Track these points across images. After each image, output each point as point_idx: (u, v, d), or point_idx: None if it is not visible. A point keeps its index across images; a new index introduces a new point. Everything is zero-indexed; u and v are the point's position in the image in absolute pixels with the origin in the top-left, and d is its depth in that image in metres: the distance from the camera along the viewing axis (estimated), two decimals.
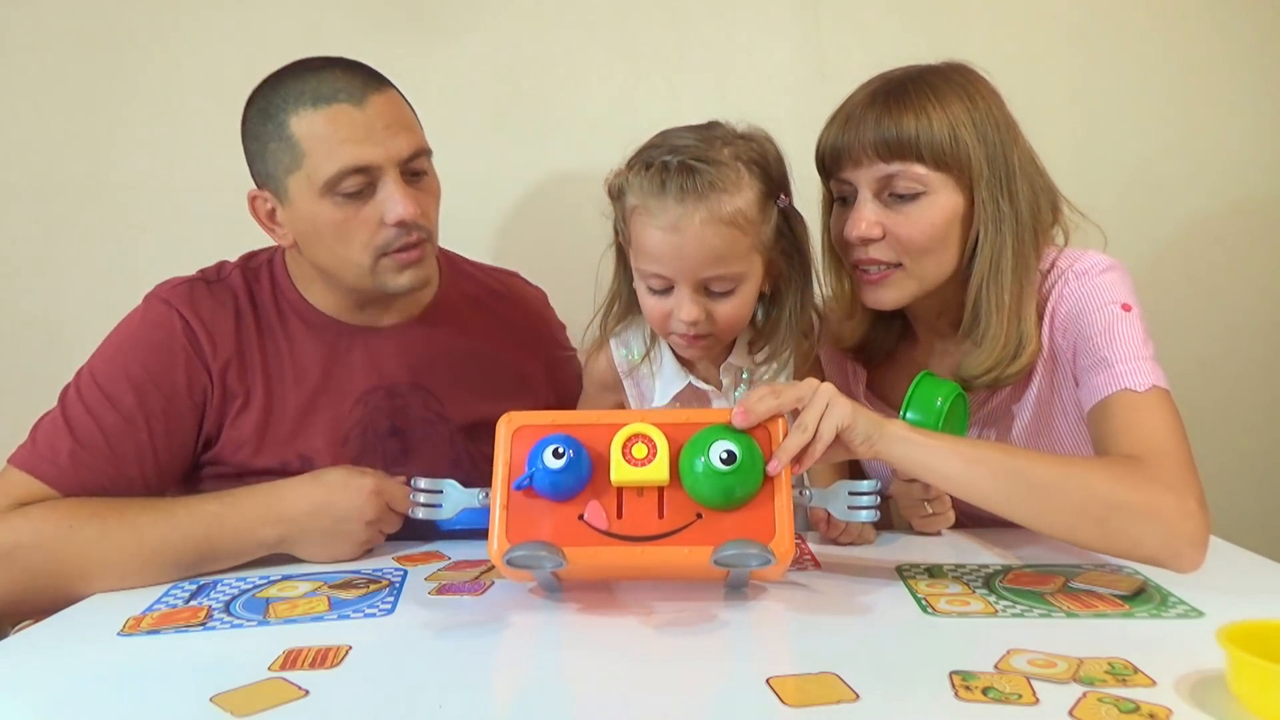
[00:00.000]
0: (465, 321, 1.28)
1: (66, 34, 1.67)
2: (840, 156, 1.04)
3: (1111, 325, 1.00)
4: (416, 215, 1.09)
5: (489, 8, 1.69)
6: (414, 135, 1.13)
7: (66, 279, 1.67)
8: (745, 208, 0.96)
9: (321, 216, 1.09)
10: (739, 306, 1.01)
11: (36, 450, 1.07)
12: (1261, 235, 1.72)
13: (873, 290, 1.06)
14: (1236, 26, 1.69)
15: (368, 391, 1.19)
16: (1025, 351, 1.03)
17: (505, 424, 0.89)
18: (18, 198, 1.68)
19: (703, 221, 0.94)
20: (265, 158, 1.11)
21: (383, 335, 1.22)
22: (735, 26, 1.69)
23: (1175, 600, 0.86)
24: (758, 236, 0.99)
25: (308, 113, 1.07)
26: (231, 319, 1.16)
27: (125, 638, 0.86)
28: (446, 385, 1.23)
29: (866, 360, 1.20)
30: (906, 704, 0.69)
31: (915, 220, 1.01)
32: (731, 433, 0.85)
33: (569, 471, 0.84)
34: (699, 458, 0.84)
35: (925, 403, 0.99)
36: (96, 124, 1.68)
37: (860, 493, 0.88)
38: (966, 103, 1.01)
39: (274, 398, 1.16)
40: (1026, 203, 1.03)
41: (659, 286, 1.00)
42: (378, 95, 1.10)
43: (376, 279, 1.12)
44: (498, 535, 0.85)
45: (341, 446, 1.16)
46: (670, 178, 0.95)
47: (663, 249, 0.96)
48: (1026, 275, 1.03)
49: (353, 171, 1.06)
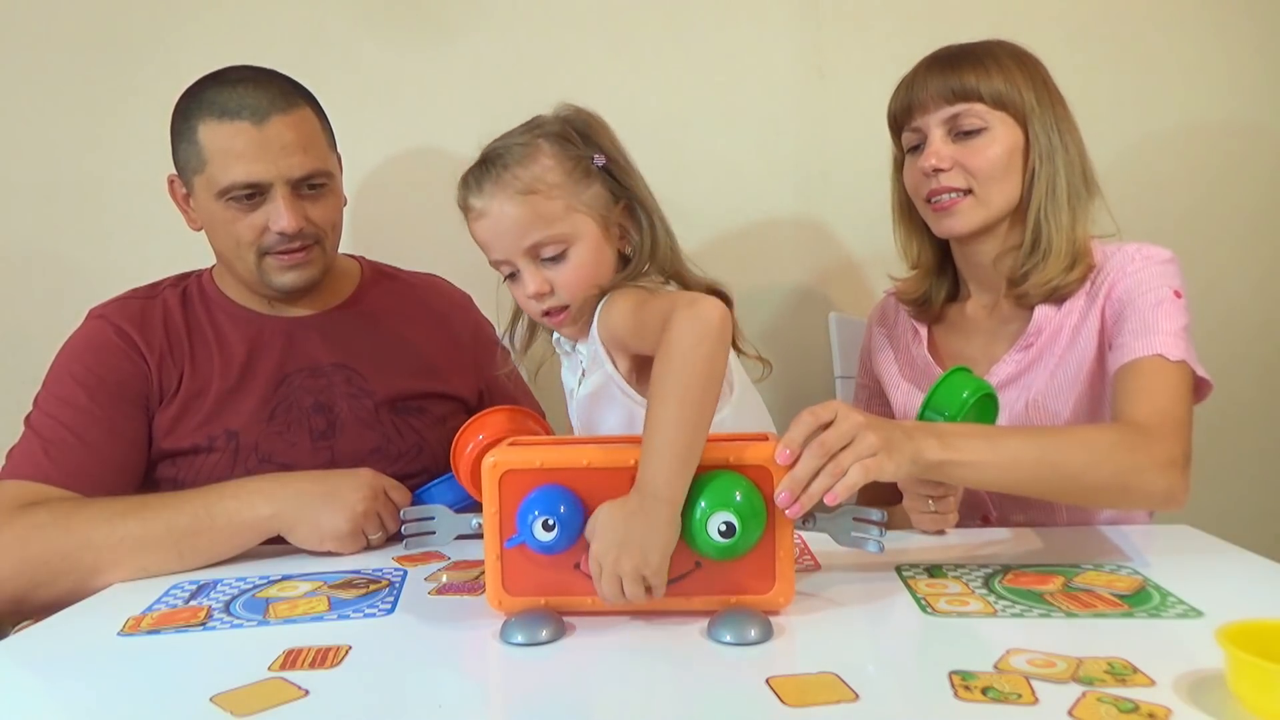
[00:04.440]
0: (387, 309, 1.36)
1: (66, 34, 1.67)
2: (910, 107, 1.19)
3: (1161, 302, 1.10)
4: (299, 227, 1.19)
5: (489, 8, 1.69)
6: (310, 157, 1.20)
7: (66, 279, 1.67)
8: (543, 174, 1.01)
9: (216, 215, 1.20)
10: (577, 268, 1.02)
11: (13, 464, 1.15)
12: (1261, 235, 1.73)
13: (945, 218, 1.18)
14: (1236, 26, 1.69)
15: (291, 372, 1.27)
16: (1080, 264, 1.16)
17: (490, 470, 0.84)
18: (18, 198, 1.69)
19: (503, 199, 1.01)
20: (179, 152, 1.22)
21: (304, 323, 1.30)
22: (735, 26, 1.69)
23: (1175, 600, 0.86)
24: (573, 198, 1.02)
25: (213, 124, 1.17)
26: (160, 323, 1.25)
27: (125, 638, 0.86)
28: (369, 364, 1.30)
29: (924, 318, 1.31)
30: (906, 704, 0.69)
31: (980, 150, 1.15)
32: (729, 487, 0.81)
33: (560, 535, 0.82)
34: (699, 532, 0.81)
35: (951, 393, 1.02)
36: (96, 124, 1.68)
37: (866, 520, 0.87)
38: (1017, 60, 1.17)
39: (199, 381, 1.23)
40: (1075, 145, 1.18)
41: (506, 272, 1.06)
42: (282, 116, 1.18)
43: (264, 275, 1.23)
44: (495, 588, 0.86)
45: (267, 422, 1.23)
46: (473, 175, 1.04)
47: (485, 235, 1.03)
48: (1079, 203, 1.17)
49: (242, 186, 1.17)
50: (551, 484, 0.83)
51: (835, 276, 1.75)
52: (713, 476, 0.82)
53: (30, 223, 1.69)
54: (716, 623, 0.81)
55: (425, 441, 1.30)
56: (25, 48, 1.67)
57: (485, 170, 1.02)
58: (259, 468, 1.20)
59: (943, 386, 1.03)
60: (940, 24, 1.66)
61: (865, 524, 0.87)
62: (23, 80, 1.67)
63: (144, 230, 1.65)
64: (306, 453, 1.23)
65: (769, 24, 1.69)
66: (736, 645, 0.79)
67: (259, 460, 1.21)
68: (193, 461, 1.21)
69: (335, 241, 1.29)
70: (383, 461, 1.23)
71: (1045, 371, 1.18)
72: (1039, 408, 1.18)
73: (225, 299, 1.30)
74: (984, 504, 1.24)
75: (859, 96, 1.68)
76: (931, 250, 1.28)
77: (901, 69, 1.21)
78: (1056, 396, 1.17)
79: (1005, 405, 1.17)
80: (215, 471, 1.19)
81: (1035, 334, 1.18)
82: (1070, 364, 1.17)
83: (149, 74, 1.66)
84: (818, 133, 1.71)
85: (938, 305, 1.29)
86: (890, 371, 1.33)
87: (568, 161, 1.03)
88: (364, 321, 1.33)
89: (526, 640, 0.80)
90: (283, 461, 1.21)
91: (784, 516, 0.82)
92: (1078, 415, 1.17)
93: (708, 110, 1.70)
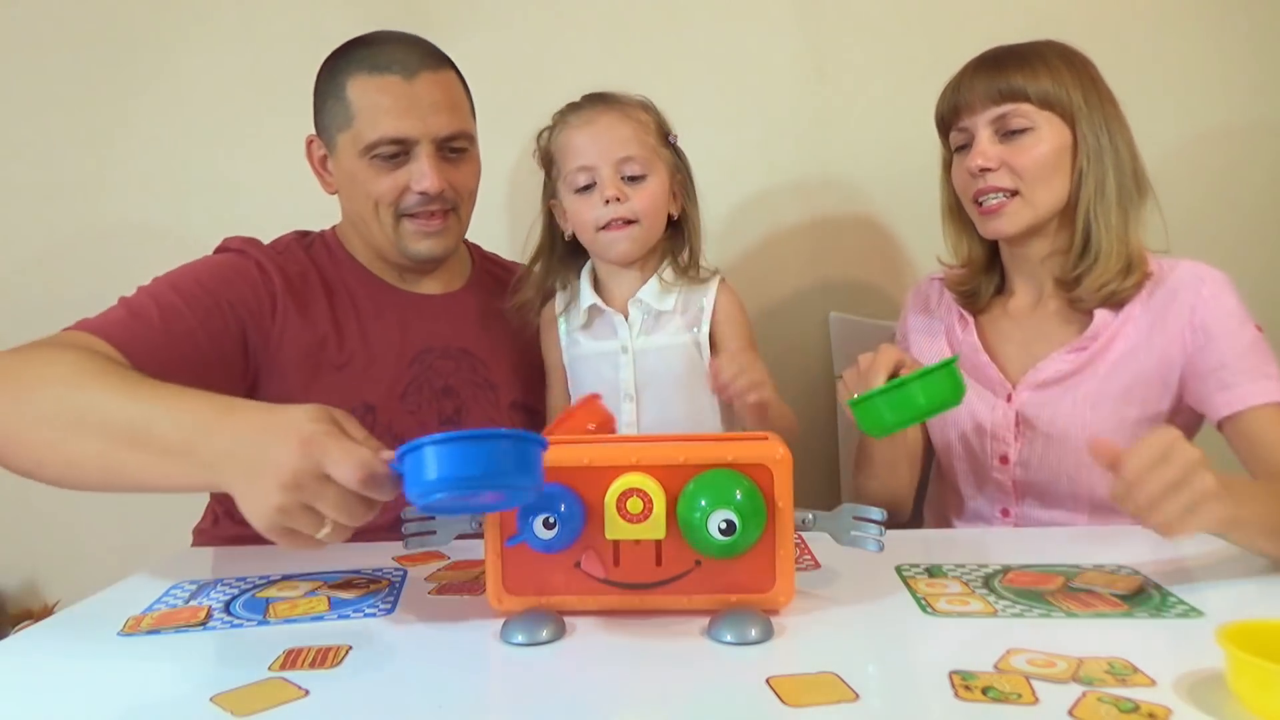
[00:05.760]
0: (498, 299, 1.33)
1: (66, 34, 1.67)
2: (958, 108, 1.20)
3: (1258, 341, 1.14)
4: (441, 189, 1.19)
5: (489, 8, 1.69)
6: (455, 117, 1.21)
7: (67, 279, 1.67)
8: (645, 120, 1.21)
9: (359, 173, 1.20)
10: (651, 195, 1.19)
11: (90, 321, 1.08)
12: (1261, 235, 1.73)
13: (992, 220, 1.19)
14: (1236, 26, 1.69)
15: (423, 351, 1.25)
16: (1136, 270, 1.16)
17: None
18: (18, 198, 1.69)
19: (614, 116, 1.18)
20: (324, 111, 1.22)
21: (433, 302, 1.30)
22: (735, 26, 1.69)
23: (1175, 600, 0.86)
24: (659, 146, 1.21)
25: (363, 78, 1.18)
26: (298, 272, 1.23)
27: (125, 638, 0.86)
28: (489, 354, 1.30)
29: (972, 309, 1.31)
30: (906, 704, 0.69)
31: (1027, 150, 1.15)
32: (730, 485, 0.81)
33: (561, 533, 0.82)
34: (698, 529, 0.80)
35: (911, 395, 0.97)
36: (96, 124, 1.68)
37: (866, 519, 0.87)
38: (1065, 60, 1.18)
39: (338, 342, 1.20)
40: (1126, 146, 1.18)
41: (584, 181, 1.18)
42: (430, 74, 1.19)
43: (400, 241, 1.22)
44: (495, 587, 0.85)
45: (400, 400, 1.22)
46: (583, 99, 1.22)
47: (583, 140, 1.18)
48: (1131, 204, 1.17)
49: (390, 141, 1.17)
50: (552, 483, 0.83)
51: (835, 276, 1.75)
52: (713, 475, 0.82)
53: (30, 223, 1.69)
54: (716, 622, 0.81)
55: None
56: (25, 48, 1.67)
57: (599, 97, 1.21)
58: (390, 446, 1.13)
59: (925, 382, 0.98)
60: (940, 24, 1.66)
61: (865, 523, 0.87)
62: (23, 80, 1.67)
63: (144, 230, 1.65)
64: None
65: (769, 24, 1.69)
66: (736, 645, 0.79)
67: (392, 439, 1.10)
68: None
69: (469, 211, 1.28)
70: None
71: (1097, 375, 1.18)
72: (1086, 408, 1.18)
73: (356, 264, 1.28)
74: (1005, 496, 1.24)
75: (859, 96, 1.69)
76: (981, 248, 1.29)
77: (902, 69, 1.22)
78: (1105, 401, 1.17)
79: (1046, 402, 1.20)
80: None
81: (1092, 338, 1.18)
82: (1125, 372, 1.17)
83: (149, 74, 1.66)
84: (818, 133, 1.71)
85: (985, 299, 1.30)
86: (933, 349, 1.32)
87: (656, 125, 1.22)
88: (481, 310, 1.32)
89: (526, 640, 0.80)
90: None
91: (784, 516, 0.82)
92: (1122, 421, 1.17)
93: (708, 110, 1.70)
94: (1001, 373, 1.24)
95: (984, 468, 1.25)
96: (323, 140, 1.24)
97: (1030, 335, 1.24)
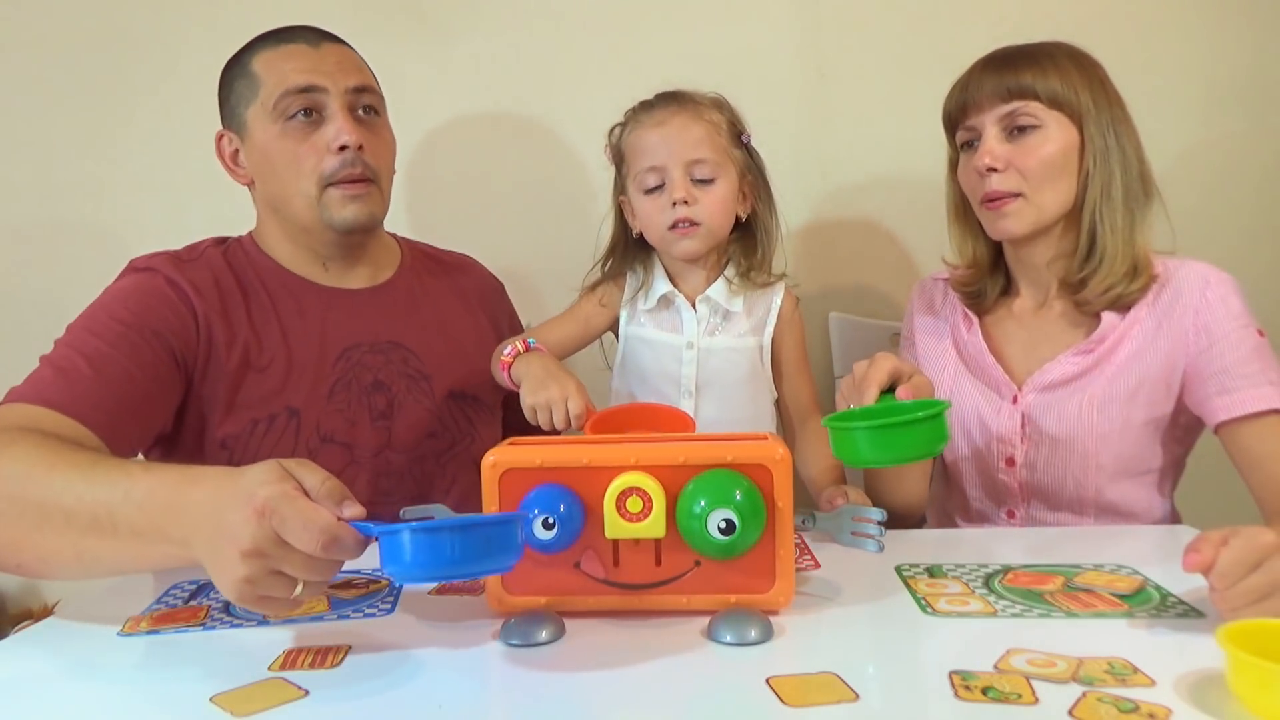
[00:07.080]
0: (429, 290, 1.34)
1: (66, 34, 1.67)
2: (965, 106, 1.19)
3: (1261, 347, 1.13)
4: (359, 142, 1.17)
5: (489, 8, 1.69)
6: (363, 75, 1.22)
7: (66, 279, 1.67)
8: (717, 121, 1.21)
9: (273, 145, 1.18)
10: (719, 199, 1.20)
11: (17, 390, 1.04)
12: (1260, 237, 1.72)
13: (998, 219, 1.18)
14: (1236, 27, 1.69)
15: (350, 347, 1.23)
16: (1142, 273, 1.16)
17: (490, 468, 0.84)
18: (18, 198, 1.69)
19: (688, 117, 1.19)
20: (231, 95, 1.21)
21: (358, 296, 1.27)
22: (735, 26, 1.69)
23: (1175, 600, 0.86)
24: (730, 148, 1.22)
25: (268, 51, 1.19)
26: (211, 280, 1.19)
27: (125, 638, 0.86)
28: (420, 345, 1.28)
29: (977, 309, 1.30)
30: (906, 704, 0.69)
31: (1033, 150, 1.15)
32: (729, 485, 0.81)
33: (561, 533, 0.82)
34: (698, 530, 0.80)
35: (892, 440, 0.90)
36: (96, 124, 1.68)
37: (866, 519, 0.87)
38: (1074, 61, 1.17)
39: (257, 349, 1.18)
40: (1132, 146, 1.17)
41: (654, 182, 1.20)
42: (334, 45, 1.22)
43: (324, 211, 1.19)
44: (495, 587, 0.85)
45: (327, 400, 1.19)
46: (657, 99, 1.24)
47: (656, 140, 1.19)
48: (1137, 207, 1.17)
49: (299, 90, 1.16)
50: (551, 483, 0.83)
51: (835, 276, 1.75)
52: (713, 475, 0.82)
53: (30, 223, 1.69)
54: (716, 623, 0.81)
55: (477, 430, 1.29)
56: (25, 48, 1.67)
57: (674, 96, 1.22)
58: (320, 448, 1.16)
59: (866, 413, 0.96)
60: (940, 24, 1.66)
61: (865, 523, 0.87)
62: (23, 80, 1.67)
63: (144, 230, 1.65)
64: (366, 432, 1.20)
65: (769, 24, 1.69)
66: (736, 645, 0.79)
67: (320, 440, 1.17)
68: (249, 440, 1.14)
69: (388, 186, 1.26)
70: (437, 447, 1.22)
71: (1104, 377, 1.18)
72: (1092, 410, 1.18)
73: (274, 264, 1.24)
74: (1011, 498, 1.24)
75: (859, 96, 1.69)
76: (986, 249, 1.29)
77: (902, 69, 1.21)
78: (1111, 404, 1.17)
79: (1052, 404, 1.19)
80: (276, 452, 1.13)
81: (1099, 340, 1.18)
82: (1131, 374, 1.17)
83: (149, 74, 1.66)
84: (818, 133, 1.71)
85: (991, 300, 1.29)
86: (939, 350, 1.32)
87: (729, 125, 1.23)
88: (410, 300, 1.31)
89: (526, 641, 0.80)
90: (344, 441, 1.18)
91: (784, 516, 0.83)
92: (1129, 423, 1.17)
93: None
94: (1007, 374, 1.23)
95: (989, 469, 1.25)
96: (232, 131, 1.22)
97: (1035, 337, 1.24)
